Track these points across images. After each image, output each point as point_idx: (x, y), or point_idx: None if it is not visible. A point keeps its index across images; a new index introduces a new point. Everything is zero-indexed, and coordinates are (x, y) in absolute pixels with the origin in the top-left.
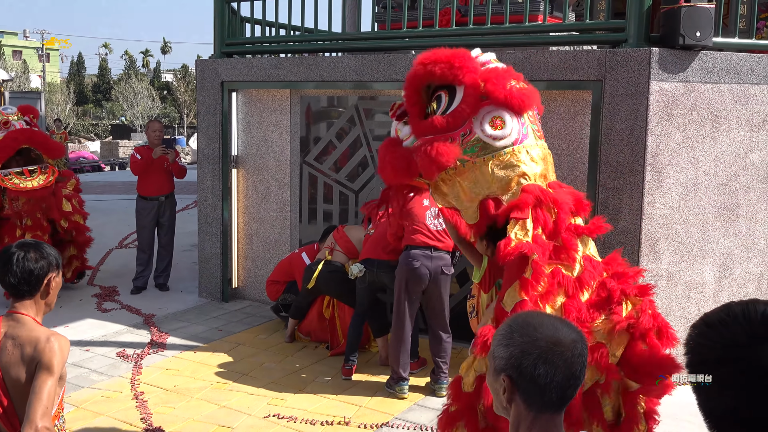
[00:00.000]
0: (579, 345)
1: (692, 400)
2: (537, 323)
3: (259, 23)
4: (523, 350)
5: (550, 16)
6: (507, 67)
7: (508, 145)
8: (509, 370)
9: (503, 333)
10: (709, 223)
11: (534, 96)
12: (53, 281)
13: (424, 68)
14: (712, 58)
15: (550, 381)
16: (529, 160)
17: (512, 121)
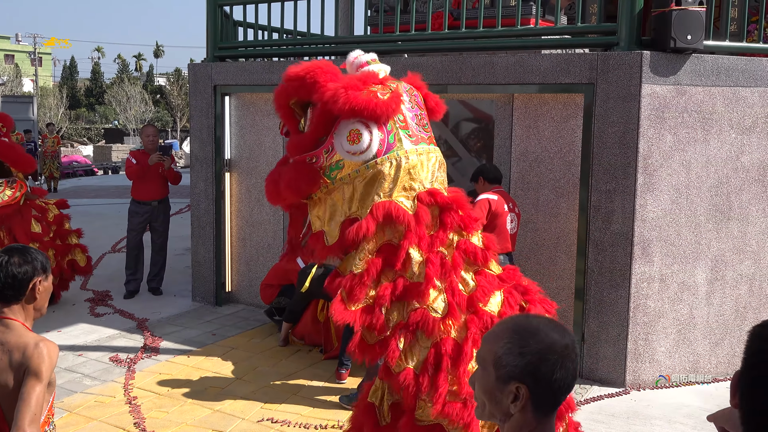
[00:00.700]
0: (576, 346)
1: (687, 401)
2: (544, 327)
3: (251, 27)
4: (542, 357)
5: (542, 19)
6: (368, 73)
7: (370, 159)
8: (526, 377)
9: (512, 340)
10: (701, 225)
11: (399, 100)
12: (39, 286)
13: (285, 84)
14: (704, 61)
15: (563, 385)
16: (397, 170)
17: (369, 132)
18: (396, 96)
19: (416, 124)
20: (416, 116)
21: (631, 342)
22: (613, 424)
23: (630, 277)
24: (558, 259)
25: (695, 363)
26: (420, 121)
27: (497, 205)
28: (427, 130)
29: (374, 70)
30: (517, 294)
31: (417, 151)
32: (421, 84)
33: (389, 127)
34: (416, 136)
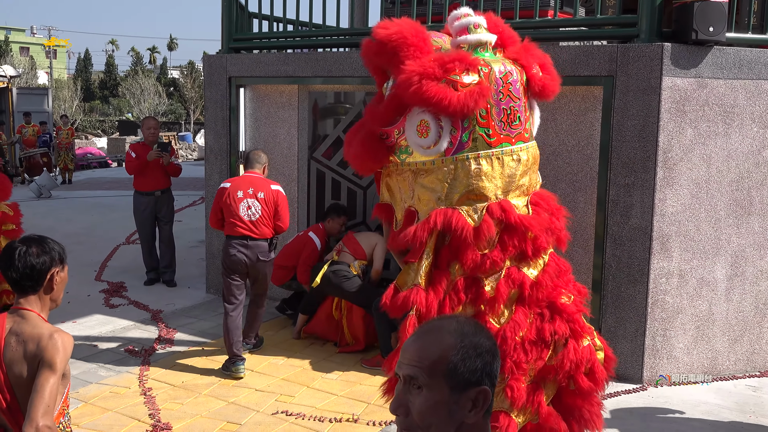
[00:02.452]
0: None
1: (705, 398)
2: (473, 323)
3: (266, 18)
4: (494, 354)
5: (561, 11)
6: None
7: (435, 156)
8: (485, 379)
9: (462, 345)
10: (721, 220)
11: (482, 94)
12: (57, 276)
13: (369, 45)
14: (725, 53)
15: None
16: (465, 174)
17: (438, 128)
18: (479, 90)
19: (502, 119)
20: (505, 110)
21: (648, 338)
22: (630, 420)
23: (648, 272)
24: (575, 254)
25: (714, 360)
26: (509, 116)
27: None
28: (517, 125)
29: (472, 41)
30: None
31: (494, 155)
32: (529, 59)
33: (466, 124)
34: (497, 135)
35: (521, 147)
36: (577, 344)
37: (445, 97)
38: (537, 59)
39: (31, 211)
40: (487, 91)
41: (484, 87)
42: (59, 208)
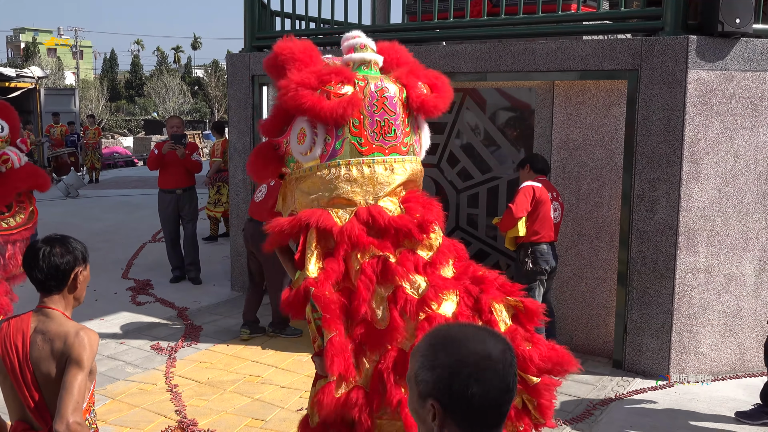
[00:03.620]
0: (509, 354)
1: (733, 395)
2: (462, 337)
3: (289, 17)
4: (452, 371)
5: (584, 4)
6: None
7: (312, 163)
8: (438, 394)
9: (424, 353)
10: (749, 215)
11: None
12: (80, 275)
13: (266, 58)
14: (752, 45)
15: (486, 401)
16: (336, 179)
17: (314, 135)
18: (350, 100)
19: (375, 130)
20: (379, 122)
21: (675, 334)
22: (656, 417)
23: (675, 267)
24: (600, 250)
25: (742, 356)
26: (383, 128)
27: (541, 193)
28: (391, 137)
29: (356, 59)
30: (473, 287)
31: (364, 162)
32: (412, 79)
33: (340, 132)
34: (369, 145)
35: (395, 158)
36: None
37: (317, 104)
38: (425, 79)
39: (59, 210)
40: (359, 102)
41: (355, 98)
42: (86, 206)
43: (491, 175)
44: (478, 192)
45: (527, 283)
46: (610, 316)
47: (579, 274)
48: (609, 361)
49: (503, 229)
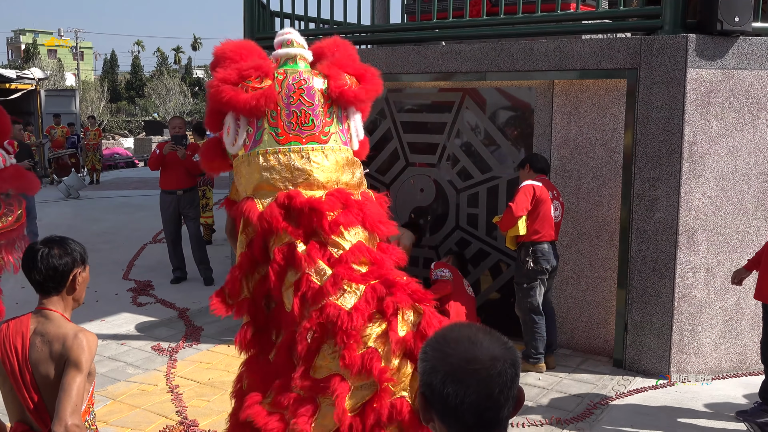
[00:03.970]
0: (500, 363)
1: (733, 394)
2: (454, 337)
3: (288, 17)
4: (433, 366)
5: (583, 3)
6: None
7: (240, 153)
8: (423, 386)
9: (425, 345)
10: (749, 213)
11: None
12: (79, 276)
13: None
14: (752, 43)
15: (461, 402)
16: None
17: (237, 126)
18: (266, 93)
19: (292, 120)
20: (295, 112)
21: (675, 333)
22: (657, 416)
23: (675, 266)
24: (599, 248)
25: (742, 355)
26: (300, 118)
27: (541, 192)
28: (309, 127)
29: (281, 54)
30: (381, 287)
31: (281, 151)
32: (335, 71)
33: (260, 123)
34: (286, 135)
35: (313, 147)
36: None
37: (234, 97)
38: (352, 71)
39: (60, 211)
40: (273, 94)
41: (270, 90)
42: (87, 208)
43: (491, 174)
44: (477, 191)
45: (528, 282)
46: (610, 315)
47: (579, 273)
48: (609, 360)
49: (504, 228)
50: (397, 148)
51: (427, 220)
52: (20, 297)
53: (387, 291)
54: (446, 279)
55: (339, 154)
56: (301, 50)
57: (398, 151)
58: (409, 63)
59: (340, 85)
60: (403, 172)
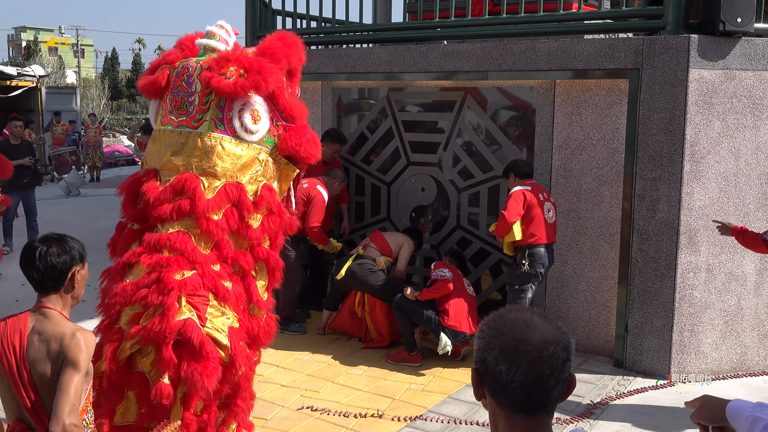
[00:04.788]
0: (552, 346)
1: (734, 394)
2: (511, 318)
3: (290, 15)
4: (488, 344)
5: (585, 3)
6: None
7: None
8: (477, 362)
9: (482, 324)
10: (750, 214)
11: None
12: (78, 275)
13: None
14: (754, 44)
15: (512, 380)
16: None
17: (154, 108)
18: (154, 78)
19: (171, 104)
20: (175, 97)
21: (676, 333)
22: (657, 416)
23: (676, 267)
24: (601, 249)
25: (743, 355)
26: (178, 102)
27: (531, 196)
28: (182, 112)
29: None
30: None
31: (158, 131)
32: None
33: (161, 105)
34: (166, 117)
35: (182, 131)
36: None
37: (140, 83)
38: (241, 63)
39: (60, 209)
40: (157, 80)
41: (156, 76)
42: (88, 205)
43: (492, 174)
44: (479, 191)
45: (520, 284)
46: (611, 315)
47: (580, 273)
48: (610, 360)
49: (500, 235)
50: (398, 147)
51: (428, 219)
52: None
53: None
54: (446, 278)
55: (206, 140)
56: (211, 42)
57: (399, 150)
58: (411, 62)
59: (209, 77)
60: (404, 171)
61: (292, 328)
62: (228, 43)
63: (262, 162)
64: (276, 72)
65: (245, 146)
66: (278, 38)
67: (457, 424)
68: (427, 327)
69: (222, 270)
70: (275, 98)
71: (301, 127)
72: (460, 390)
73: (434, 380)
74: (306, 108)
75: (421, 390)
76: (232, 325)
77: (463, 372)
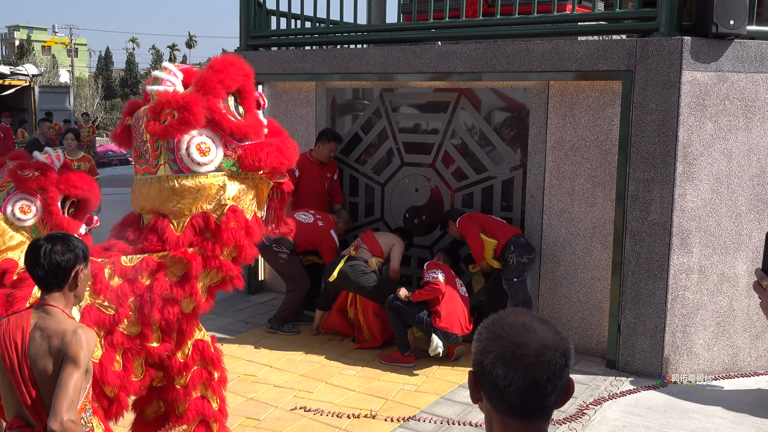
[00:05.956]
0: (550, 352)
1: (726, 396)
2: (510, 322)
3: (284, 16)
4: (486, 347)
5: (579, 5)
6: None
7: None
8: (474, 365)
9: (478, 328)
10: (742, 215)
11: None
12: (81, 273)
13: None
14: (746, 46)
15: (509, 384)
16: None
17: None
18: (116, 132)
19: (135, 154)
20: (136, 148)
21: (668, 334)
22: (650, 417)
23: (668, 268)
24: (594, 250)
25: (735, 356)
26: (138, 152)
27: (473, 214)
28: (143, 160)
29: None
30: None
31: (134, 181)
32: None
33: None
34: (135, 167)
35: (146, 178)
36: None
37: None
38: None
39: None
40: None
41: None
42: None
43: (486, 174)
44: (472, 192)
45: (519, 276)
46: (603, 316)
47: (573, 274)
48: (602, 361)
49: (479, 257)
50: (392, 148)
51: (422, 219)
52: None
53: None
54: (438, 280)
55: (164, 183)
56: (156, 87)
57: (393, 151)
58: (405, 63)
59: (147, 124)
60: (398, 172)
61: (286, 328)
62: (174, 84)
63: (224, 187)
64: (206, 101)
65: (203, 177)
66: (210, 66)
67: (450, 424)
68: (419, 328)
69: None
70: (219, 124)
71: (258, 143)
72: (453, 390)
73: (427, 381)
74: (261, 122)
75: (414, 390)
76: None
77: (456, 372)
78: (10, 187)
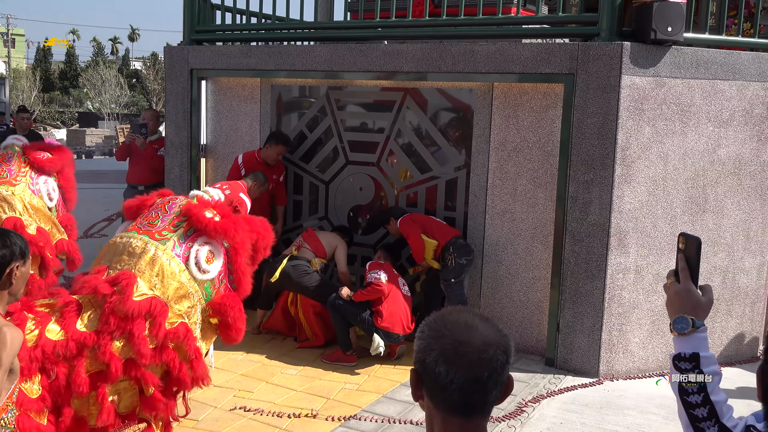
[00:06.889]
0: (492, 349)
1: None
2: (452, 320)
3: (229, 10)
4: (428, 345)
5: (523, 8)
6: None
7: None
8: (416, 363)
9: (421, 326)
10: (677, 217)
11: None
12: (17, 271)
13: None
14: (683, 53)
15: (451, 381)
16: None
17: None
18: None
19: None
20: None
21: (605, 333)
22: (585, 413)
23: (606, 268)
24: (534, 250)
25: (668, 354)
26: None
27: (414, 215)
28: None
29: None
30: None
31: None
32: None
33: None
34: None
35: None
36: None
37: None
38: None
39: None
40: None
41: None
42: None
43: (430, 174)
44: (417, 191)
45: (456, 277)
46: (543, 315)
47: (514, 273)
48: (541, 359)
49: (420, 258)
50: (337, 146)
51: (366, 218)
52: None
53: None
54: (380, 281)
55: (159, 252)
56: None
57: (338, 150)
58: (351, 61)
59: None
60: (342, 170)
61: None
62: (214, 198)
63: (193, 305)
64: (247, 233)
65: (191, 280)
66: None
67: (391, 423)
68: (361, 327)
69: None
70: (236, 255)
71: (236, 301)
72: (395, 389)
73: (369, 379)
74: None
75: (355, 389)
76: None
77: (398, 371)
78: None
